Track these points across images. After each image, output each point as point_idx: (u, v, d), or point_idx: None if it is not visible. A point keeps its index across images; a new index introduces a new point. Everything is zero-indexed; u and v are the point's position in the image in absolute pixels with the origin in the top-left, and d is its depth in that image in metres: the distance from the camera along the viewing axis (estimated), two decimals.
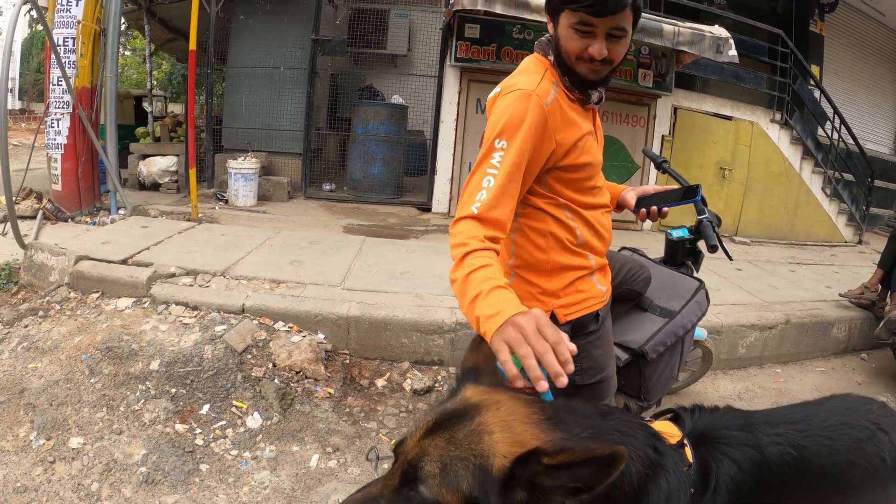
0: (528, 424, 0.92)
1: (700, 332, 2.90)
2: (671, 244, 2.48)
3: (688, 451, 1.10)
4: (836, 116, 7.90)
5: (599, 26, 1.42)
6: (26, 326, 3.32)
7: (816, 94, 8.15)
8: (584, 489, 0.83)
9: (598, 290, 1.71)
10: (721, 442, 1.13)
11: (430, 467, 0.90)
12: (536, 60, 1.59)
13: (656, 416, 1.26)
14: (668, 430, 1.14)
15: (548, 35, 1.59)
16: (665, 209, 1.87)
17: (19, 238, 4.26)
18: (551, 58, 1.56)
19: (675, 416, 1.23)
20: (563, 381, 0.98)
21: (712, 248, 2.04)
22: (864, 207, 8.35)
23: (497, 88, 1.57)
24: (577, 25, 1.44)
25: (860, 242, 8.23)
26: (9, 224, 4.36)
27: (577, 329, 1.67)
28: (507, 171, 1.42)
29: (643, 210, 1.89)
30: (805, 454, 1.15)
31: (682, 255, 2.47)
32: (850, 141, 8.01)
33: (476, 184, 1.42)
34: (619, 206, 1.97)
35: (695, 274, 2.48)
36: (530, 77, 1.52)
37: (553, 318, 1.65)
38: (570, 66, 1.50)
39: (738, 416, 1.20)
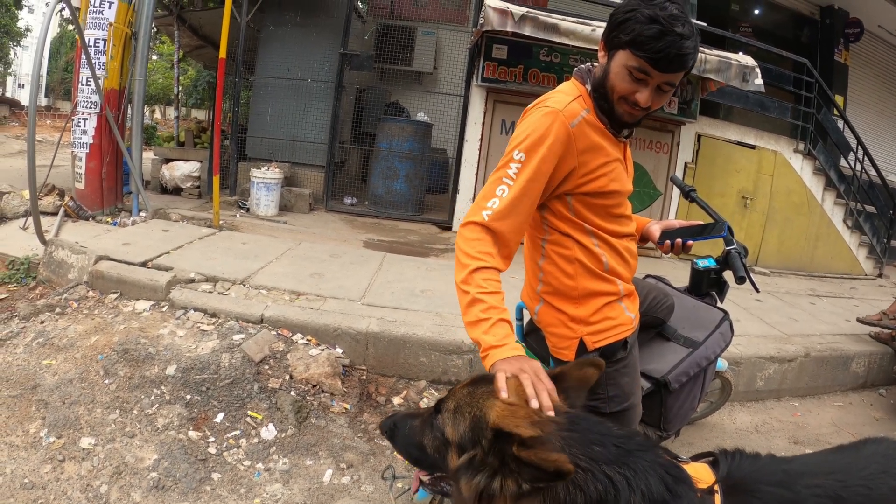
0: (530, 416, 1.06)
1: (720, 363, 2.85)
2: (697, 274, 2.44)
3: (717, 498, 1.08)
4: (860, 147, 7.81)
5: (655, 77, 1.43)
6: (42, 322, 3.33)
7: (840, 124, 8.07)
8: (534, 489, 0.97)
9: (627, 317, 1.69)
10: (754, 496, 1.11)
11: (449, 404, 1.16)
12: (573, 85, 1.60)
13: (696, 458, 1.24)
14: (702, 475, 1.12)
15: (589, 64, 1.59)
16: (690, 243, 1.86)
17: (40, 233, 4.30)
18: (588, 86, 1.56)
19: (714, 460, 1.21)
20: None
21: (740, 280, 2.01)
22: (886, 240, 8.26)
23: (532, 103, 1.59)
24: (634, 70, 1.43)
25: (881, 276, 8.12)
26: (30, 219, 4.40)
27: (606, 356, 1.64)
28: (522, 185, 1.45)
29: (667, 242, 1.87)
30: None
31: (707, 286, 2.44)
32: (873, 172, 7.92)
33: (490, 190, 1.46)
34: (643, 238, 1.95)
35: (719, 304, 2.44)
36: (562, 97, 1.53)
37: (581, 345, 1.64)
38: (610, 101, 1.50)
39: (777, 468, 1.18)
